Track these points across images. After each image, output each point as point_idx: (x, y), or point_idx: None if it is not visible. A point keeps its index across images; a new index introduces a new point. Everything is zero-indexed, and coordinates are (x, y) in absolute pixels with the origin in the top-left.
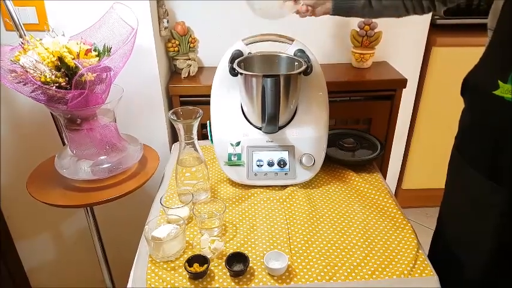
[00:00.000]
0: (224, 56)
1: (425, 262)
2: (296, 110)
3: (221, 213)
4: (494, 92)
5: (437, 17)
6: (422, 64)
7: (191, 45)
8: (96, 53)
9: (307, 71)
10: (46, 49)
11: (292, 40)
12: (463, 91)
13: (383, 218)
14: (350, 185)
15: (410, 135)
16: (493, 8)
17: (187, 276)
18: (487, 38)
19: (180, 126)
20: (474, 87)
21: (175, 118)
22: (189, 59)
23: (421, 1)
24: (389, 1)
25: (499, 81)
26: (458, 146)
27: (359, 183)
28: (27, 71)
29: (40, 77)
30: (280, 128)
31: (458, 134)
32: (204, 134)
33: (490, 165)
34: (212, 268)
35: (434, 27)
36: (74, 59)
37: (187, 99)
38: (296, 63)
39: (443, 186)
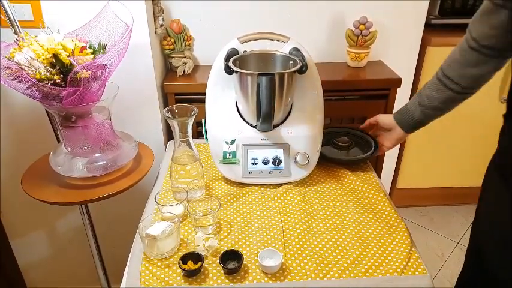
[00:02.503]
0: (219, 54)
1: (419, 260)
2: (291, 108)
3: (216, 211)
4: None
5: (432, 16)
6: (417, 64)
7: (186, 43)
8: (91, 51)
9: (302, 70)
10: (41, 46)
11: (288, 39)
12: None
13: (377, 216)
14: (344, 183)
15: None
16: None
17: (182, 273)
18: None
19: (175, 124)
20: None
21: (170, 116)
22: (185, 57)
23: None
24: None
25: None
26: (497, 166)
27: (353, 182)
28: (22, 68)
29: (35, 74)
30: (275, 126)
31: (498, 154)
32: (199, 132)
33: None
34: (206, 266)
35: (429, 27)
36: (69, 56)
37: (182, 97)
38: (291, 62)
39: (438, 186)
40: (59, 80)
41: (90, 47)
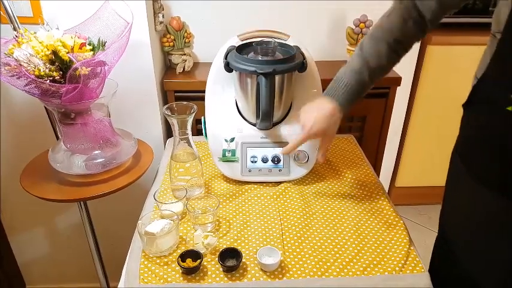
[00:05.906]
0: (219, 52)
1: (417, 259)
2: (291, 106)
3: (215, 208)
4: (508, 108)
5: None
6: (417, 62)
7: (186, 40)
8: (91, 47)
9: (302, 68)
10: (40, 42)
11: (288, 36)
12: (470, 103)
13: (375, 214)
14: (343, 182)
15: (404, 133)
16: (496, 11)
17: (180, 271)
18: (488, 41)
19: (174, 122)
20: (485, 101)
21: (169, 113)
22: (184, 54)
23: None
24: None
25: None
26: (461, 155)
27: (352, 181)
28: (21, 65)
29: (34, 71)
30: (275, 124)
31: (461, 144)
32: (198, 129)
33: (501, 181)
34: (205, 263)
35: None
36: (68, 52)
37: (182, 94)
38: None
39: (436, 184)
40: (58, 77)
41: (89, 44)
